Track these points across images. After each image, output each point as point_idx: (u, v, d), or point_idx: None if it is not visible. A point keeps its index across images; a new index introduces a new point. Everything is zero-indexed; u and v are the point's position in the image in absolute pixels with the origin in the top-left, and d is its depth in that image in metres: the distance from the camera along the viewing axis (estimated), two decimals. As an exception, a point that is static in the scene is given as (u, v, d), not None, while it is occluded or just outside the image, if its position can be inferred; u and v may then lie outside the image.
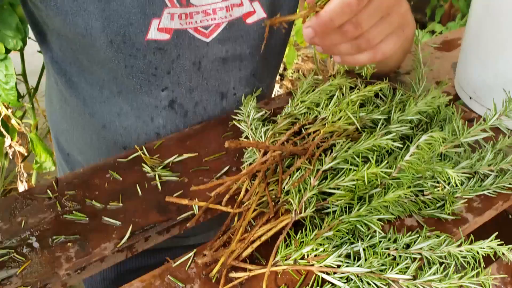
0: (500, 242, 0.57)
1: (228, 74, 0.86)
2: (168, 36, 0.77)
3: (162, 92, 0.82)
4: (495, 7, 0.77)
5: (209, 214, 0.65)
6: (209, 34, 0.80)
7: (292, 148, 0.64)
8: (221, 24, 0.80)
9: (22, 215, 0.63)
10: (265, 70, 0.92)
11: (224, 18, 0.80)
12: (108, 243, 0.59)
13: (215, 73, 0.85)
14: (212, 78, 0.85)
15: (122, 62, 0.77)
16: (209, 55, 0.82)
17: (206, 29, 0.80)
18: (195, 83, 0.84)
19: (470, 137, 0.68)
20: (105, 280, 0.99)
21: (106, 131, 0.86)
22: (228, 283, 0.54)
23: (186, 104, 0.85)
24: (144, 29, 0.75)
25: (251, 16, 0.83)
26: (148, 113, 0.84)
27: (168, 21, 0.75)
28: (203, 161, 0.73)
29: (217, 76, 0.85)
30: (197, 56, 0.81)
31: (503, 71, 0.78)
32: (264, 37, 0.87)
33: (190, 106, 0.85)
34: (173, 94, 0.83)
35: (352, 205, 0.59)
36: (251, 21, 0.83)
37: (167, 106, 0.84)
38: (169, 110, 0.84)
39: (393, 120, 0.69)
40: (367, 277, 0.53)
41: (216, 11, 0.79)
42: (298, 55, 3.20)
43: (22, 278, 0.54)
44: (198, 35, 0.79)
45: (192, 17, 0.78)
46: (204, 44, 0.81)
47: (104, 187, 0.68)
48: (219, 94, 0.87)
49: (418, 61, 0.82)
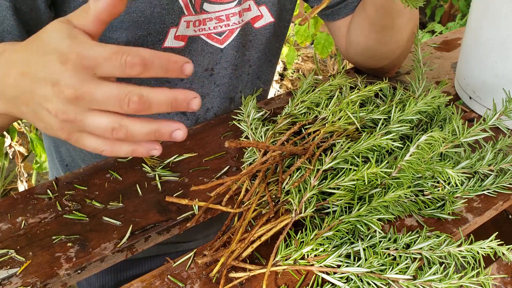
0: (500, 242, 0.57)
1: (238, 80, 0.87)
2: (183, 44, 0.77)
3: None
4: (495, 7, 0.77)
5: (209, 214, 0.65)
6: (223, 41, 0.80)
7: (292, 148, 0.64)
8: (235, 30, 0.80)
9: (22, 215, 0.63)
10: (268, 72, 0.93)
11: (238, 24, 0.80)
12: (108, 243, 0.59)
13: (228, 80, 0.85)
14: (224, 84, 0.85)
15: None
16: (222, 62, 0.82)
17: (220, 35, 0.79)
18: (207, 90, 0.84)
19: (470, 137, 0.68)
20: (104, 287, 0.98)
21: None
22: (228, 283, 0.54)
23: (197, 111, 0.85)
24: (162, 37, 0.75)
25: (259, 21, 0.83)
26: (159, 117, 0.84)
27: (184, 28, 0.75)
28: (203, 161, 0.73)
29: (229, 83, 0.85)
30: (210, 62, 0.81)
31: (503, 71, 0.78)
32: (270, 40, 0.87)
33: (201, 113, 0.86)
34: None
35: (352, 205, 0.59)
36: (258, 26, 0.83)
37: (179, 113, 0.84)
38: (181, 116, 0.84)
39: (393, 120, 0.69)
40: (367, 277, 0.53)
41: (230, 17, 0.79)
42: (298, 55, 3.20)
43: (22, 278, 0.54)
44: (211, 42, 0.79)
45: (205, 24, 0.77)
46: (218, 51, 0.81)
47: (104, 187, 0.68)
48: (228, 99, 0.87)
49: (418, 61, 0.82)
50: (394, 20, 0.81)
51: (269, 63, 0.91)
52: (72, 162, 0.96)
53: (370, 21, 0.83)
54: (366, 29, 0.85)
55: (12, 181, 2.20)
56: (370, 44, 0.87)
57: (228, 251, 0.55)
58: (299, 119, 0.74)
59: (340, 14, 0.89)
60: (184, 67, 0.42)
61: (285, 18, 0.89)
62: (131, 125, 0.42)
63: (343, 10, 0.88)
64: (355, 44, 0.90)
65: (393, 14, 0.79)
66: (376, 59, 0.90)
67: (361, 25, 0.86)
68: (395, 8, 0.77)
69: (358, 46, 0.89)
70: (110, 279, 0.96)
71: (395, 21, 0.81)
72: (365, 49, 0.89)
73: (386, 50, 0.87)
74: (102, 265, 0.58)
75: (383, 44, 0.86)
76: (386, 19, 0.81)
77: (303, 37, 2.41)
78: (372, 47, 0.87)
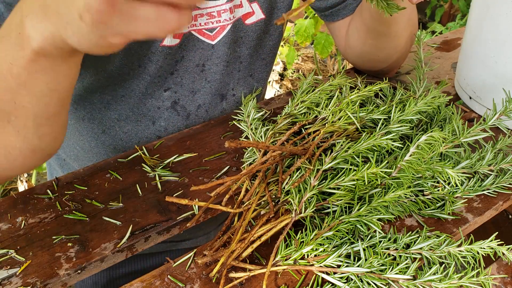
0: (500, 242, 0.57)
1: (229, 76, 0.86)
2: (178, 41, 0.77)
3: (164, 92, 0.82)
4: (495, 7, 0.77)
5: (209, 214, 0.65)
6: (214, 37, 0.80)
7: (292, 148, 0.64)
8: (226, 26, 0.80)
9: (22, 215, 0.63)
10: (261, 70, 0.92)
11: (229, 20, 0.80)
12: (108, 243, 0.59)
13: (219, 76, 0.85)
14: (215, 81, 0.85)
15: (137, 63, 0.77)
16: (213, 58, 0.82)
17: (211, 31, 0.79)
18: (198, 86, 0.84)
19: (470, 137, 0.68)
20: (97, 285, 0.98)
21: (105, 136, 0.86)
22: (228, 283, 0.54)
23: (188, 106, 0.85)
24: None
25: (250, 17, 0.83)
26: (150, 116, 0.84)
27: None
28: (203, 161, 0.73)
29: (220, 79, 0.85)
30: (201, 58, 0.81)
31: (503, 71, 0.78)
32: (261, 37, 0.87)
33: (192, 108, 0.85)
34: (176, 95, 0.83)
35: (352, 205, 0.59)
36: (249, 22, 0.83)
37: (170, 107, 0.84)
38: (172, 111, 0.84)
39: (393, 120, 0.69)
40: (367, 277, 0.53)
41: (221, 14, 0.79)
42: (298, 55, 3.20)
43: (22, 278, 0.54)
44: (203, 38, 0.79)
45: (196, 20, 0.77)
46: (210, 47, 0.81)
47: (104, 187, 0.68)
48: (219, 96, 0.87)
49: (420, 61, 0.82)
50: (390, 28, 0.81)
51: (262, 61, 0.91)
52: (67, 158, 0.96)
53: (366, 27, 0.83)
54: (363, 34, 0.85)
55: (12, 181, 2.20)
56: (367, 49, 0.87)
57: (228, 251, 0.55)
58: (299, 119, 0.74)
59: (339, 15, 0.89)
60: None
61: (276, 15, 0.89)
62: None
63: (342, 11, 0.88)
64: (353, 48, 0.90)
65: (389, 22, 0.79)
66: (374, 62, 0.90)
67: (358, 30, 0.86)
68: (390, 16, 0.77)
69: (356, 49, 0.89)
70: (103, 276, 0.97)
71: (391, 28, 0.81)
72: (363, 53, 0.89)
73: (383, 55, 0.87)
74: (102, 265, 0.58)
75: (380, 50, 0.86)
76: (382, 27, 0.81)
77: (303, 37, 2.41)
78: (369, 51, 0.87)
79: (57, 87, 0.52)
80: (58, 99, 0.54)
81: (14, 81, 0.49)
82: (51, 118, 0.55)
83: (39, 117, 0.54)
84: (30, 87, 0.50)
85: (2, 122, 0.53)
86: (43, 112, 0.54)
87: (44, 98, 0.52)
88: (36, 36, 0.45)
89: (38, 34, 0.45)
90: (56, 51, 0.46)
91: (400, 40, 0.84)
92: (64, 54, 0.47)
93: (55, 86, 0.51)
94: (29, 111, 0.52)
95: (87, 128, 0.86)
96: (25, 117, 0.53)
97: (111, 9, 0.37)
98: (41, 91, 0.51)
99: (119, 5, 0.37)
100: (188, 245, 0.98)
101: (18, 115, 0.53)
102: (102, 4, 0.37)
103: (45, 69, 0.49)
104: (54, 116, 0.55)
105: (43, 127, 0.55)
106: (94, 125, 0.85)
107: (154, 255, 0.96)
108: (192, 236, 0.98)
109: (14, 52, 0.48)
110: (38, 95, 0.51)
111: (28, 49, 0.46)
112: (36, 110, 0.53)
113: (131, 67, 0.77)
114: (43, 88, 0.51)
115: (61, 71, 0.50)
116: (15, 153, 0.56)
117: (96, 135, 0.86)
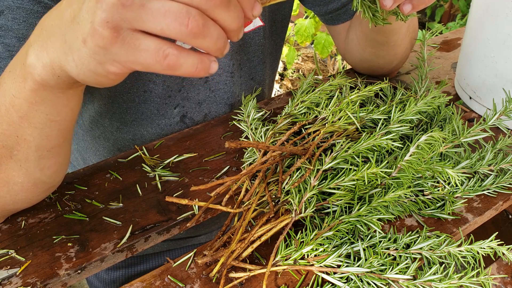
0: (500, 242, 0.57)
1: (233, 85, 0.87)
2: None
3: (174, 109, 0.83)
4: (495, 7, 0.77)
5: (209, 214, 0.65)
6: None
7: (292, 148, 0.64)
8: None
9: (22, 215, 0.63)
10: (263, 73, 0.93)
11: None
12: (108, 243, 0.59)
13: (223, 86, 0.85)
14: (219, 90, 0.85)
15: (142, 89, 0.78)
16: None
17: None
18: (203, 96, 0.84)
19: (470, 137, 0.68)
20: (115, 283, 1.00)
21: (120, 152, 0.87)
22: (228, 283, 0.54)
23: (196, 117, 0.86)
24: None
25: (248, 25, 0.83)
26: (163, 134, 0.85)
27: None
28: (203, 161, 0.73)
29: (224, 88, 0.86)
30: None
31: (503, 71, 0.78)
32: (260, 43, 0.87)
33: (199, 118, 0.86)
34: (184, 109, 0.84)
35: (352, 205, 0.59)
36: (248, 30, 0.83)
37: (179, 121, 0.85)
38: (181, 124, 0.85)
39: (393, 120, 0.69)
40: (367, 277, 0.53)
41: None
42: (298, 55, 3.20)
43: (22, 278, 0.54)
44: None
45: None
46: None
47: (104, 187, 0.68)
48: (225, 103, 0.87)
49: (422, 60, 0.82)
50: (389, 38, 0.81)
51: (263, 64, 0.91)
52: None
53: (365, 36, 0.83)
54: (362, 42, 0.85)
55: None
56: (367, 56, 0.87)
57: (228, 251, 0.55)
58: (299, 119, 0.74)
59: (339, 20, 0.89)
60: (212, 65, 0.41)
61: (277, 20, 0.89)
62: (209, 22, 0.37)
63: (342, 16, 0.89)
64: (353, 53, 0.90)
65: (387, 32, 0.79)
66: (373, 69, 0.91)
67: (357, 37, 0.86)
68: (388, 27, 0.76)
69: (355, 55, 0.90)
70: (121, 274, 0.98)
71: (390, 38, 0.81)
72: (362, 59, 0.90)
73: (383, 62, 0.87)
74: (102, 265, 0.58)
75: (380, 57, 0.86)
76: (380, 36, 0.81)
77: (303, 37, 2.41)
78: (368, 58, 0.88)
79: (56, 118, 0.52)
80: (59, 130, 0.54)
81: (16, 114, 0.50)
82: (53, 150, 0.56)
83: (41, 149, 0.54)
84: (31, 119, 0.51)
85: (5, 158, 0.54)
86: (44, 144, 0.54)
87: (45, 130, 0.53)
88: (36, 64, 0.46)
89: (38, 62, 0.46)
90: (54, 81, 0.47)
91: (400, 48, 0.85)
92: (61, 85, 0.48)
93: (55, 117, 0.52)
94: (30, 143, 0.53)
95: (103, 145, 0.88)
96: (27, 150, 0.54)
97: (115, 36, 0.38)
98: (41, 122, 0.52)
99: (124, 34, 0.38)
100: (204, 240, 1.01)
101: (20, 149, 0.53)
102: (107, 30, 0.37)
103: (45, 99, 0.49)
104: (56, 147, 0.56)
105: (45, 160, 0.56)
106: (110, 143, 0.87)
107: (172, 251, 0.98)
108: (208, 231, 0.99)
109: (17, 84, 0.49)
110: (39, 126, 0.52)
111: (29, 80, 0.47)
112: (38, 142, 0.53)
113: (136, 93, 0.78)
114: (43, 119, 0.51)
115: (60, 102, 0.51)
116: (17, 188, 0.57)
117: (112, 153, 0.88)
